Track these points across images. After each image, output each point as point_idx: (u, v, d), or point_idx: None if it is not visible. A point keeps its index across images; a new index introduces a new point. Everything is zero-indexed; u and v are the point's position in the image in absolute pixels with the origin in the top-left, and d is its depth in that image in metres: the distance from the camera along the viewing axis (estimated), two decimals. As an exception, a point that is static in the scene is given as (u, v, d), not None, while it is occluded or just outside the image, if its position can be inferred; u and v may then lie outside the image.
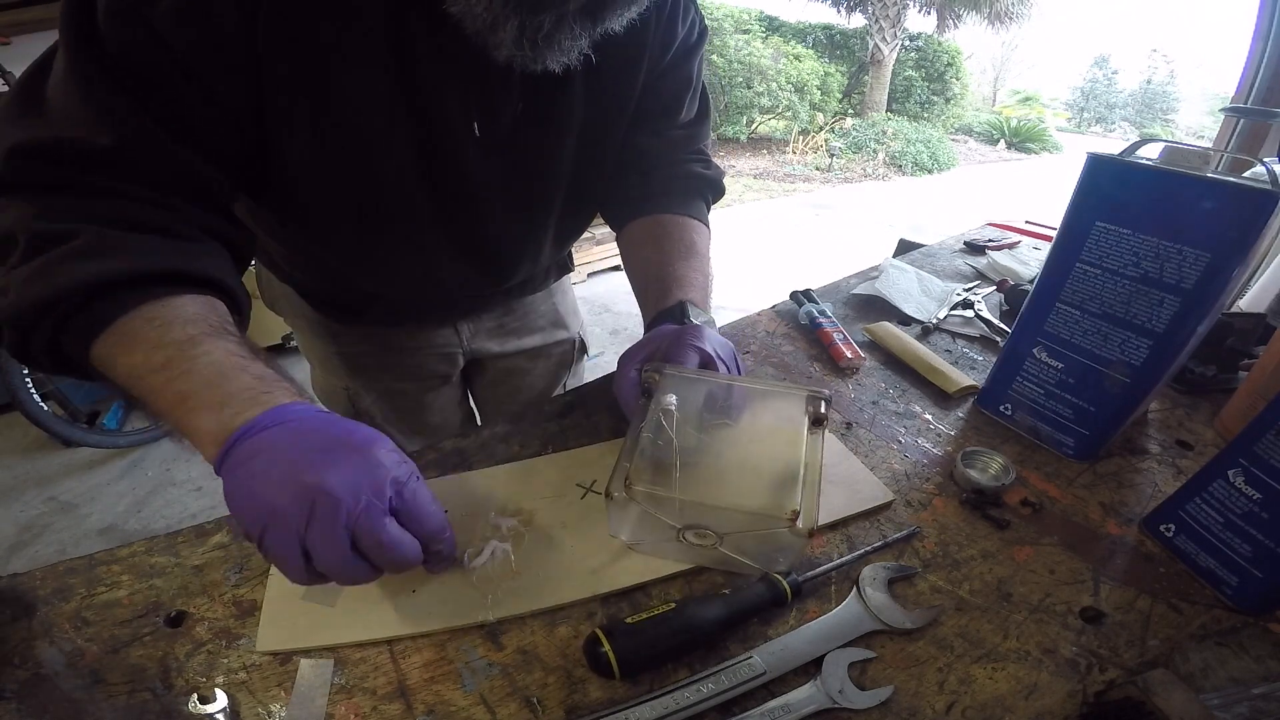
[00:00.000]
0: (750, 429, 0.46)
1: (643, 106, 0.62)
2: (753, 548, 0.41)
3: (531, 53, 0.43)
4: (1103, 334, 0.50)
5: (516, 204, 0.60)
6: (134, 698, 0.34)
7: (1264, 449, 0.39)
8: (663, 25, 0.58)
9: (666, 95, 0.64)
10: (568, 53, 0.45)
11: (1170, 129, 17.87)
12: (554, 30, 0.42)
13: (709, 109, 0.71)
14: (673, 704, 0.33)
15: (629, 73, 0.58)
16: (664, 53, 0.60)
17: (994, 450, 0.52)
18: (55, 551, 1.60)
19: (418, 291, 0.69)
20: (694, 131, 0.70)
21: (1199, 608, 0.41)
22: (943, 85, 10.08)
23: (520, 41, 0.42)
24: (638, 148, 0.65)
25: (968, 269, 0.96)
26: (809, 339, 0.73)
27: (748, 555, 0.41)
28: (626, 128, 0.63)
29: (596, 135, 0.60)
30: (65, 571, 0.41)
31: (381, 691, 0.35)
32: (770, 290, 3.46)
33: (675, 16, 0.59)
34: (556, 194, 0.62)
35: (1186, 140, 4.71)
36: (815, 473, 0.41)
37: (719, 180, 0.72)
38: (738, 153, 7.99)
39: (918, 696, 0.35)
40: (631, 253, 0.67)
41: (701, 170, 0.70)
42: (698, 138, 0.71)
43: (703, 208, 0.70)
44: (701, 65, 0.67)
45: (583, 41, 0.45)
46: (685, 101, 0.66)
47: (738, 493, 0.41)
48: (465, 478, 0.50)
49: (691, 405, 0.46)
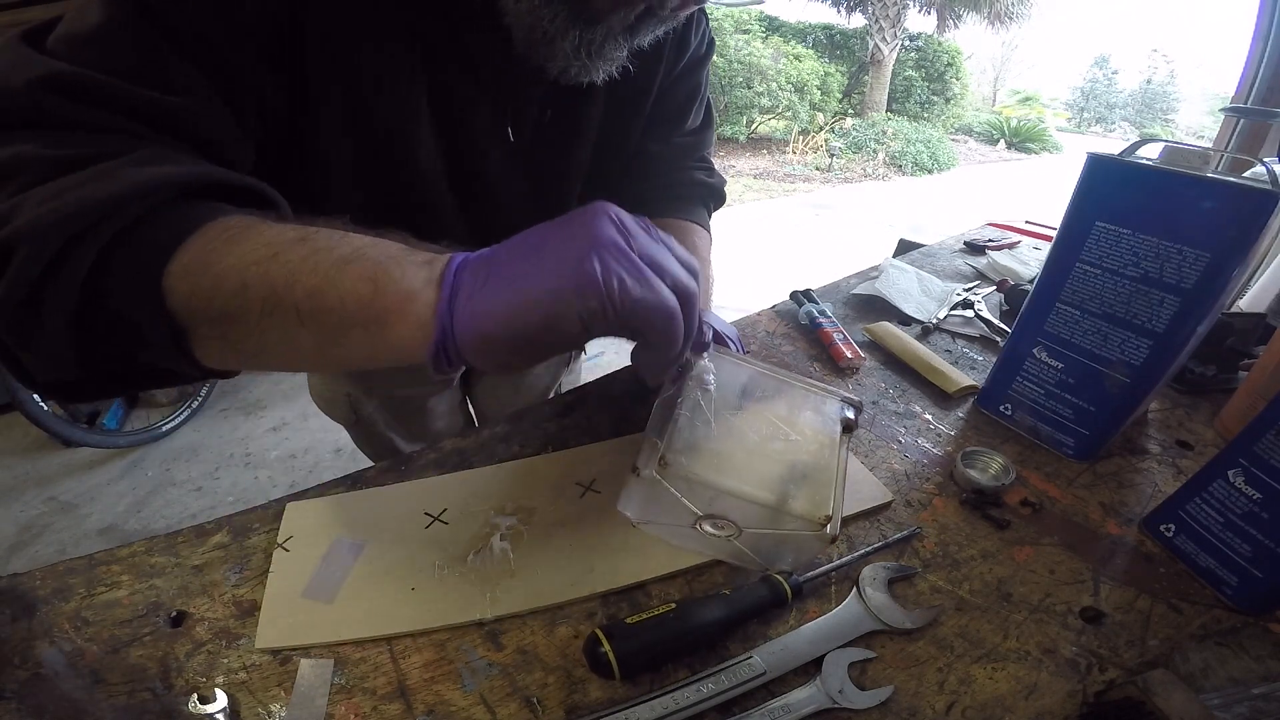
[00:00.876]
0: (787, 423, 0.45)
1: (653, 113, 0.64)
2: (767, 545, 0.40)
3: (588, 63, 0.45)
4: (1103, 334, 0.50)
5: (535, 207, 0.61)
6: (134, 698, 0.34)
7: (1264, 449, 0.39)
8: (676, 36, 0.60)
9: (675, 104, 0.66)
10: (611, 65, 0.47)
11: (1170, 129, 17.87)
12: (604, 44, 0.44)
13: (713, 118, 0.74)
14: (673, 704, 0.33)
15: (645, 81, 0.60)
16: (676, 62, 0.62)
17: (994, 450, 0.52)
18: (55, 551, 1.60)
19: None
20: (699, 139, 0.71)
21: (1199, 608, 0.41)
22: (943, 85, 10.08)
23: (578, 53, 0.44)
24: (645, 153, 0.67)
25: (968, 269, 0.96)
26: (809, 339, 0.73)
27: (759, 551, 0.41)
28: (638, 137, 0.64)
29: (613, 141, 0.62)
30: (65, 571, 0.41)
31: (381, 691, 0.35)
32: (770, 290, 3.46)
33: (688, 28, 0.62)
34: (571, 197, 0.63)
35: (1186, 140, 4.72)
36: (843, 479, 0.41)
37: (720, 189, 0.74)
38: (738, 153, 7.99)
39: (918, 696, 0.35)
40: None
41: (704, 178, 0.71)
42: (702, 145, 0.72)
43: (704, 214, 0.71)
44: (708, 76, 0.69)
45: (622, 54, 0.47)
46: (692, 110, 0.68)
47: (773, 489, 0.39)
48: (465, 476, 0.50)
49: (727, 387, 0.45)
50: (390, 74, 0.45)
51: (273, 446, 2.02)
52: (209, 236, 0.29)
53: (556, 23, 0.42)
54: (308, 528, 0.44)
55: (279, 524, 0.45)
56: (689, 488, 0.38)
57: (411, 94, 0.47)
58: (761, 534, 0.39)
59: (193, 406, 2.10)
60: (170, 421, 2.03)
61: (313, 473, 1.91)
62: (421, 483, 0.49)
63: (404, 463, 0.52)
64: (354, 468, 0.51)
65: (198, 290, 0.28)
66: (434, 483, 0.49)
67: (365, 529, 0.45)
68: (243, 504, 1.51)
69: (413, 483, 0.49)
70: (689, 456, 0.39)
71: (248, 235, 0.29)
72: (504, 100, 0.52)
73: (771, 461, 0.42)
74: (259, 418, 2.16)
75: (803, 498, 0.39)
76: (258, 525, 0.45)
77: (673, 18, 0.46)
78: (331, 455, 1.98)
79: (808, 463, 0.42)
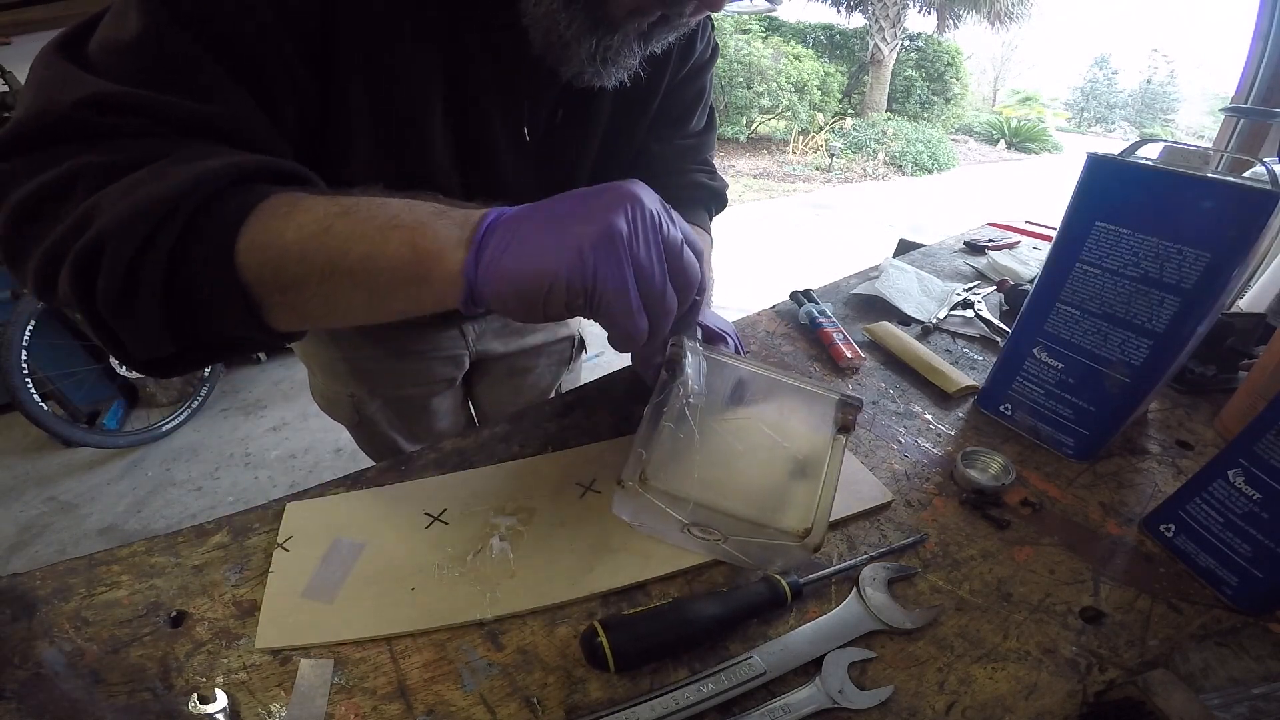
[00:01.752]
0: (775, 427, 0.45)
1: (658, 115, 0.64)
2: (755, 550, 0.41)
3: (601, 69, 0.46)
4: (1103, 334, 0.50)
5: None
6: (134, 698, 0.34)
7: (1264, 449, 0.39)
8: (683, 40, 0.60)
9: (680, 106, 0.67)
10: (624, 71, 0.48)
11: (1170, 129, 17.87)
12: (620, 50, 0.45)
13: (715, 121, 0.74)
14: (673, 704, 0.33)
15: (653, 84, 0.60)
16: (681, 66, 0.63)
17: (994, 450, 0.52)
18: (55, 551, 1.60)
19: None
20: (701, 141, 0.72)
21: (1199, 608, 0.41)
22: (943, 85, 10.09)
23: (593, 59, 0.44)
24: (648, 154, 0.67)
25: (968, 269, 0.96)
26: (809, 339, 0.73)
27: (748, 555, 0.41)
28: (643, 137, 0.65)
29: (619, 141, 0.62)
30: (65, 571, 0.41)
31: (381, 691, 0.35)
32: (770, 290, 3.46)
33: (695, 33, 0.62)
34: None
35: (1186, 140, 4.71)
36: (833, 483, 0.41)
37: (722, 192, 0.74)
38: (738, 153, 7.99)
39: (918, 696, 0.35)
40: None
41: (706, 181, 0.71)
42: (704, 148, 0.73)
43: (705, 216, 0.72)
44: (712, 80, 0.70)
45: (634, 60, 0.47)
46: (696, 113, 0.69)
47: (750, 501, 0.40)
48: (465, 476, 0.50)
49: (716, 392, 0.45)
50: (411, 69, 0.45)
51: (273, 446, 2.02)
52: (264, 214, 0.33)
53: (574, 28, 0.42)
54: (308, 528, 0.44)
55: (279, 524, 0.45)
56: (671, 501, 0.39)
57: (429, 90, 0.47)
58: (746, 541, 0.40)
59: (193, 406, 2.11)
60: (170, 421, 2.03)
61: (313, 473, 1.91)
62: (421, 483, 0.49)
63: (404, 463, 0.52)
64: (354, 468, 0.51)
65: (266, 262, 0.33)
66: (434, 483, 0.49)
67: (365, 529, 0.45)
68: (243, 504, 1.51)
69: (413, 483, 0.49)
70: (670, 470, 0.40)
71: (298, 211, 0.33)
72: (520, 100, 0.52)
73: (756, 471, 0.42)
74: (259, 418, 2.16)
75: (784, 509, 0.39)
76: (258, 525, 0.45)
77: (686, 24, 0.46)
78: (331, 455, 1.98)
79: (793, 471, 0.42)
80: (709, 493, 0.39)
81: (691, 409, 0.42)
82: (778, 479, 0.42)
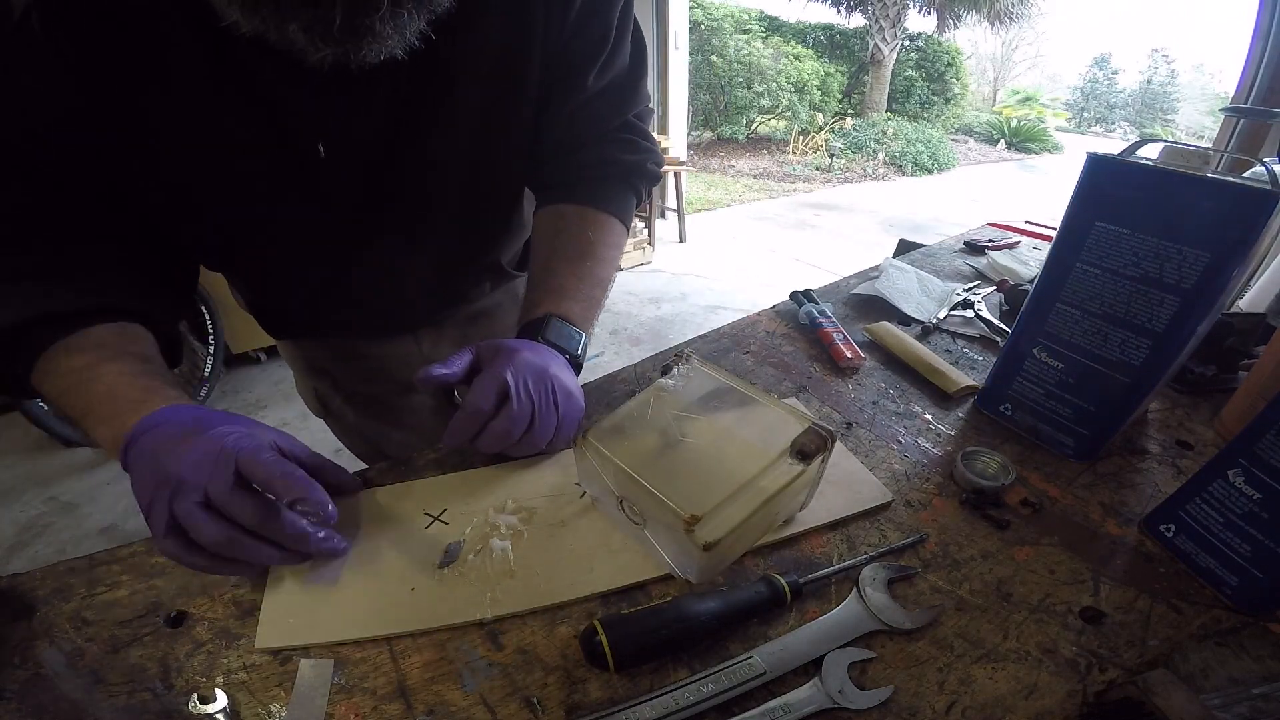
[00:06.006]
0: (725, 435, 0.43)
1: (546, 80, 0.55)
2: (670, 546, 0.40)
3: (340, 48, 0.38)
4: (1103, 334, 0.50)
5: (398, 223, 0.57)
6: (134, 698, 0.34)
7: (1264, 449, 0.39)
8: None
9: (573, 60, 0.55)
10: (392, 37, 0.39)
11: (1170, 129, 17.86)
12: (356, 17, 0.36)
13: (639, 74, 0.61)
14: (673, 704, 0.33)
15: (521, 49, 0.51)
16: (564, 18, 0.52)
17: (994, 450, 0.52)
18: (55, 551, 1.60)
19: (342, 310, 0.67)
20: (616, 100, 0.60)
21: (1199, 608, 0.41)
22: (943, 85, 10.08)
23: (314, 41, 0.37)
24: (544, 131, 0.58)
25: (968, 269, 0.96)
26: (809, 339, 0.73)
27: (667, 550, 0.41)
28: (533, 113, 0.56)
29: (494, 127, 0.54)
30: (65, 571, 0.41)
31: (381, 691, 0.35)
32: (770, 290, 3.46)
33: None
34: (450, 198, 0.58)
35: (1186, 140, 4.69)
36: (762, 498, 0.38)
37: (646, 165, 0.63)
38: (738, 153, 8.00)
39: (918, 696, 0.35)
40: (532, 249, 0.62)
41: (620, 155, 0.61)
42: (622, 106, 0.61)
43: (617, 196, 0.62)
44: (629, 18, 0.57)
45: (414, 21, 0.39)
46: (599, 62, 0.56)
47: (675, 490, 0.38)
48: (465, 476, 0.50)
49: (691, 393, 0.46)
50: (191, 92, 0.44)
51: (273, 446, 2.02)
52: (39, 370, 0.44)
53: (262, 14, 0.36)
54: (308, 528, 0.44)
55: (279, 524, 0.44)
56: (602, 464, 0.41)
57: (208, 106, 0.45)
58: (661, 528, 0.39)
59: (193, 406, 2.10)
60: (170, 421, 2.03)
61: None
62: (421, 483, 0.50)
63: (404, 463, 0.52)
64: (354, 468, 0.51)
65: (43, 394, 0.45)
66: (434, 483, 0.50)
67: (365, 529, 0.45)
68: (243, 504, 1.50)
69: (413, 483, 0.49)
70: (616, 440, 0.42)
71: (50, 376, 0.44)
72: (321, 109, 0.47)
73: (686, 461, 0.42)
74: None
75: (687, 496, 0.38)
76: (258, 525, 0.45)
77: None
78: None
79: (720, 472, 0.40)
80: (644, 470, 0.39)
81: (659, 399, 0.44)
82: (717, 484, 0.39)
